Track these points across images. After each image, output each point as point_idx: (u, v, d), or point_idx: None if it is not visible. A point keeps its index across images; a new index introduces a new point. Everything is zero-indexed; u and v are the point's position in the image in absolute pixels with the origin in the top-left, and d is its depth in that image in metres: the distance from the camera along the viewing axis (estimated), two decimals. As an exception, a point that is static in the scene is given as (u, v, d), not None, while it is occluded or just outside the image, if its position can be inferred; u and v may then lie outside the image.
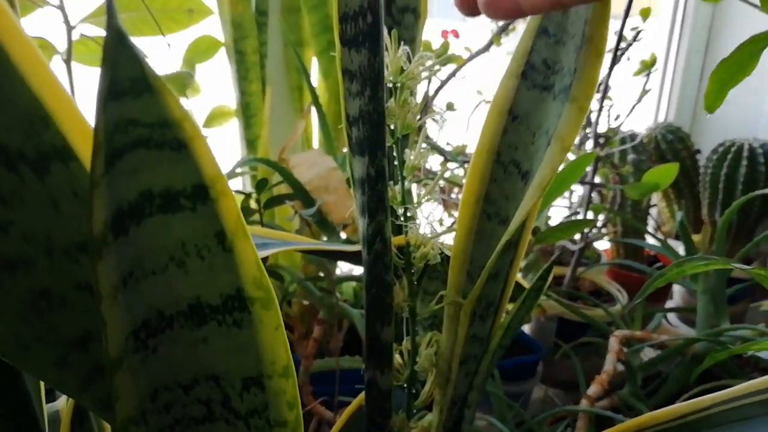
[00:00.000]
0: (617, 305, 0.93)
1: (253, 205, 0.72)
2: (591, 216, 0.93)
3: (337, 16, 0.29)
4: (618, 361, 0.70)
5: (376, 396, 0.35)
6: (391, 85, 0.32)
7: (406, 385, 0.36)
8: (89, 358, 0.26)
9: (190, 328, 0.25)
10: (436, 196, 0.36)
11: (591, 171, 0.89)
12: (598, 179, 0.94)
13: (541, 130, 0.33)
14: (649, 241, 1.08)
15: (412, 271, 0.34)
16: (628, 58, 0.87)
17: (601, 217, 1.01)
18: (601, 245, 1.16)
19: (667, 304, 1.11)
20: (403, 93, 0.32)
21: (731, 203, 0.74)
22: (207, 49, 0.83)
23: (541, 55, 0.33)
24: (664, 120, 1.40)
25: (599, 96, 0.86)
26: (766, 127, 1.30)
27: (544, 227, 0.80)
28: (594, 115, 0.89)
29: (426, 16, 0.36)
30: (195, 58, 0.83)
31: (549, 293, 0.79)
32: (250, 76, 0.82)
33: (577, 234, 0.89)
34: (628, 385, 0.72)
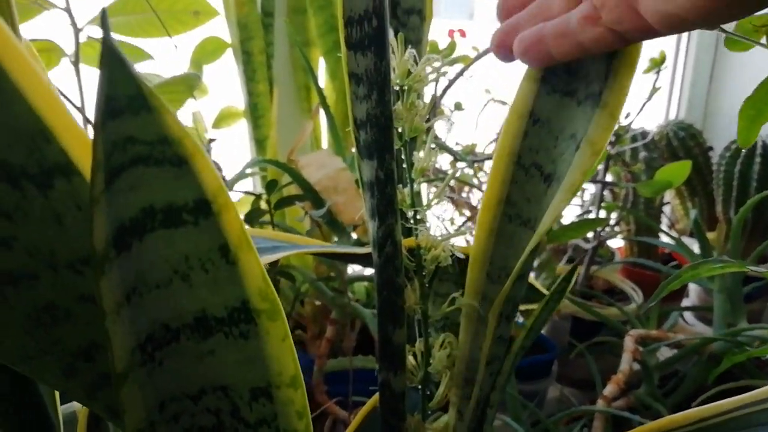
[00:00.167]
0: (632, 304, 0.92)
1: (263, 206, 0.72)
2: (603, 214, 0.92)
3: (342, 20, 0.29)
4: (634, 360, 0.69)
5: (389, 397, 0.35)
6: (397, 88, 0.32)
7: (420, 386, 0.36)
8: (96, 367, 0.26)
9: (197, 340, 0.25)
10: (445, 196, 0.36)
11: (602, 169, 0.88)
12: (610, 177, 0.93)
13: (564, 134, 0.33)
14: (663, 239, 1.07)
15: (424, 273, 0.34)
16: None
17: (614, 215, 1.00)
18: (615, 243, 1.15)
19: (683, 302, 1.10)
20: (410, 96, 0.32)
21: (746, 200, 0.73)
22: (214, 51, 0.83)
23: None
24: (675, 117, 1.38)
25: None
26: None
27: (556, 226, 0.79)
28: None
29: (431, 17, 0.36)
30: (202, 60, 0.82)
31: (562, 292, 0.78)
32: (257, 77, 0.82)
33: (589, 233, 0.89)
34: (644, 385, 0.72)
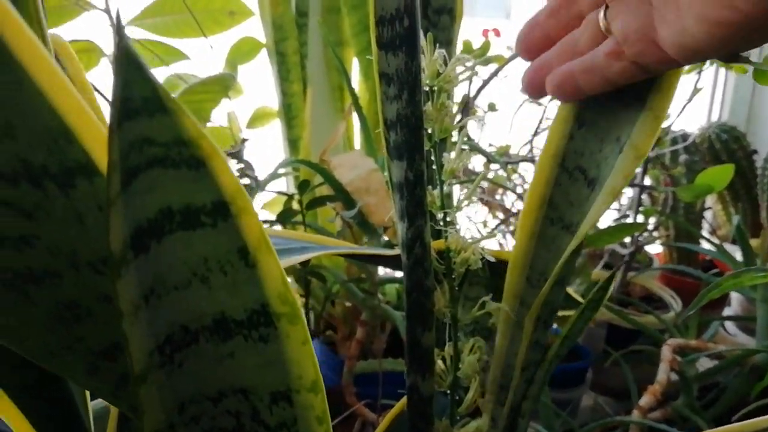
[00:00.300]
0: (671, 312, 0.89)
1: (295, 206, 0.73)
2: (641, 219, 0.89)
3: (374, 20, 0.29)
4: (672, 370, 0.67)
5: (417, 401, 0.34)
6: (428, 89, 0.32)
7: (448, 391, 0.36)
8: (118, 366, 0.26)
9: (216, 342, 0.24)
10: (476, 198, 0.35)
11: (641, 172, 0.86)
12: (649, 181, 0.90)
13: (609, 138, 0.32)
14: (704, 245, 1.03)
15: (453, 276, 0.34)
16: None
17: (653, 220, 0.97)
18: (653, 249, 1.12)
19: (725, 311, 1.06)
20: (440, 96, 0.32)
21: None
22: (249, 51, 0.84)
23: None
24: (718, 119, 1.34)
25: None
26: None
27: (593, 231, 0.77)
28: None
29: (462, 17, 0.35)
30: (237, 60, 0.83)
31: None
32: (291, 77, 0.83)
33: (627, 238, 0.86)
34: (682, 396, 0.69)
